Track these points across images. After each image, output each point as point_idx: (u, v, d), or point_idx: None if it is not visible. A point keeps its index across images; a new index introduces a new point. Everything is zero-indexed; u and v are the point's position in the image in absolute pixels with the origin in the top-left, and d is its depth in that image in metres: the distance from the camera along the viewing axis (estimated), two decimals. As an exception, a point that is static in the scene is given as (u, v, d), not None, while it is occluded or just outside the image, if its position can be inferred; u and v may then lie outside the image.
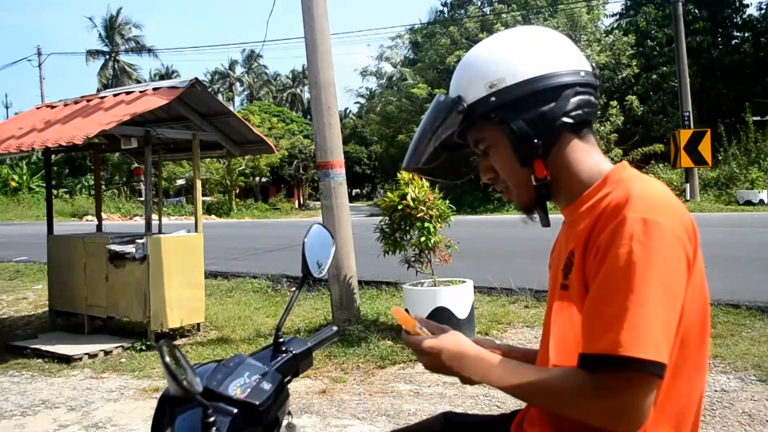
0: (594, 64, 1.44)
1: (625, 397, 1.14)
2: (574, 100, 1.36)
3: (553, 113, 1.36)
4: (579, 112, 1.37)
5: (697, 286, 1.27)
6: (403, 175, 6.96)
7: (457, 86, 1.43)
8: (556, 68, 1.36)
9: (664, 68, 30.95)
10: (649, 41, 32.23)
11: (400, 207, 6.73)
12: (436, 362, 1.37)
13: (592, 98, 1.40)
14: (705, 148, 22.33)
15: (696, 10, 31.98)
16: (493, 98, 1.37)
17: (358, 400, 5.29)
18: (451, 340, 1.37)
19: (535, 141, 1.37)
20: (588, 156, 1.40)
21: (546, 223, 1.48)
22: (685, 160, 22.52)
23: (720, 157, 24.97)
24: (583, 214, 1.34)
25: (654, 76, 31.29)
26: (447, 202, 6.92)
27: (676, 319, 1.18)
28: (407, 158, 1.48)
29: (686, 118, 23.07)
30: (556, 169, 1.41)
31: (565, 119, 1.36)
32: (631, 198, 1.23)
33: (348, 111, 74.62)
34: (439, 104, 1.42)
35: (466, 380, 1.36)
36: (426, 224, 6.68)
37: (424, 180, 6.91)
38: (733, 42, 33.34)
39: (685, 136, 22.47)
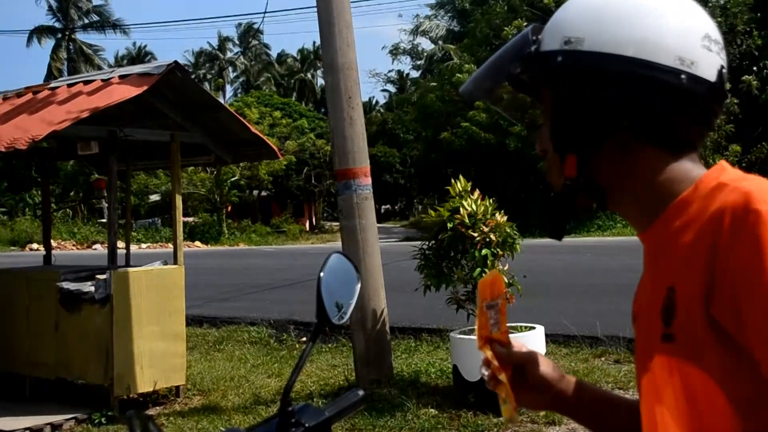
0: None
1: None
2: (652, 105, 1.33)
3: (614, 109, 1.35)
4: (651, 120, 1.34)
5: None
6: (456, 186, 6.94)
7: (548, 26, 1.45)
8: (652, 55, 1.32)
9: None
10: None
11: (450, 225, 6.70)
12: None
13: (682, 111, 1.34)
14: None
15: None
16: (560, 57, 1.37)
17: (391, 489, 5.25)
18: None
19: (573, 131, 1.39)
20: (673, 165, 1.37)
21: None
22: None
23: None
24: (673, 236, 1.31)
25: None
26: (513, 225, 6.88)
27: None
28: (468, 81, 1.52)
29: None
30: (615, 177, 1.40)
31: (626, 122, 1.34)
32: (753, 192, 1.20)
33: (374, 102, 75.08)
34: (522, 37, 1.45)
35: None
36: (484, 251, 6.64)
37: (488, 199, 6.90)
38: None
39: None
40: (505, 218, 6.86)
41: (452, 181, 7.06)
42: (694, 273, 1.24)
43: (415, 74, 66.18)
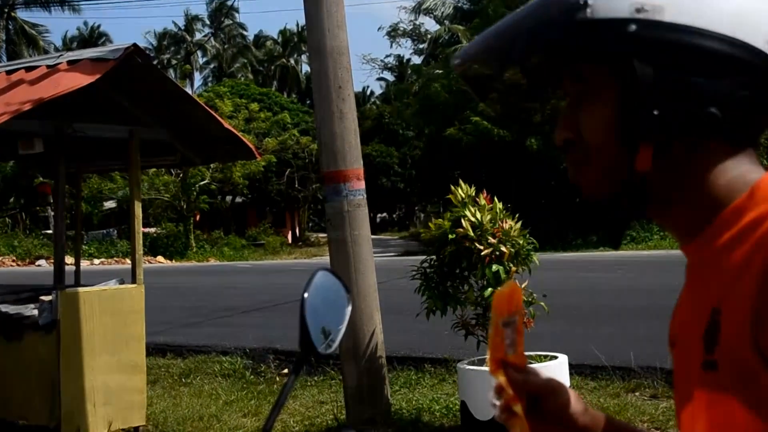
0: None
1: None
2: (743, 93, 1.32)
3: (705, 93, 1.31)
4: (737, 111, 1.32)
5: None
6: (458, 193, 6.95)
7: None
8: (746, 34, 1.31)
9: None
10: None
11: (452, 237, 6.71)
12: None
13: (761, 102, 1.34)
14: None
15: None
16: (633, 26, 1.32)
17: None
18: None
19: (658, 116, 1.33)
20: (731, 163, 1.36)
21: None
22: None
23: None
24: (723, 249, 1.30)
25: None
26: (526, 232, 6.89)
27: None
28: (467, 46, 1.49)
29: None
30: (671, 177, 1.37)
31: (714, 110, 1.31)
32: None
33: (369, 92, 75.15)
34: None
35: None
36: (494, 267, 6.65)
37: (496, 201, 6.91)
38: None
39: None
40: (518, 225, 6.85)
41: (452, 187, 7.04)
42: (745, 292, 1.22)
43: (416, 60, 66.33)
